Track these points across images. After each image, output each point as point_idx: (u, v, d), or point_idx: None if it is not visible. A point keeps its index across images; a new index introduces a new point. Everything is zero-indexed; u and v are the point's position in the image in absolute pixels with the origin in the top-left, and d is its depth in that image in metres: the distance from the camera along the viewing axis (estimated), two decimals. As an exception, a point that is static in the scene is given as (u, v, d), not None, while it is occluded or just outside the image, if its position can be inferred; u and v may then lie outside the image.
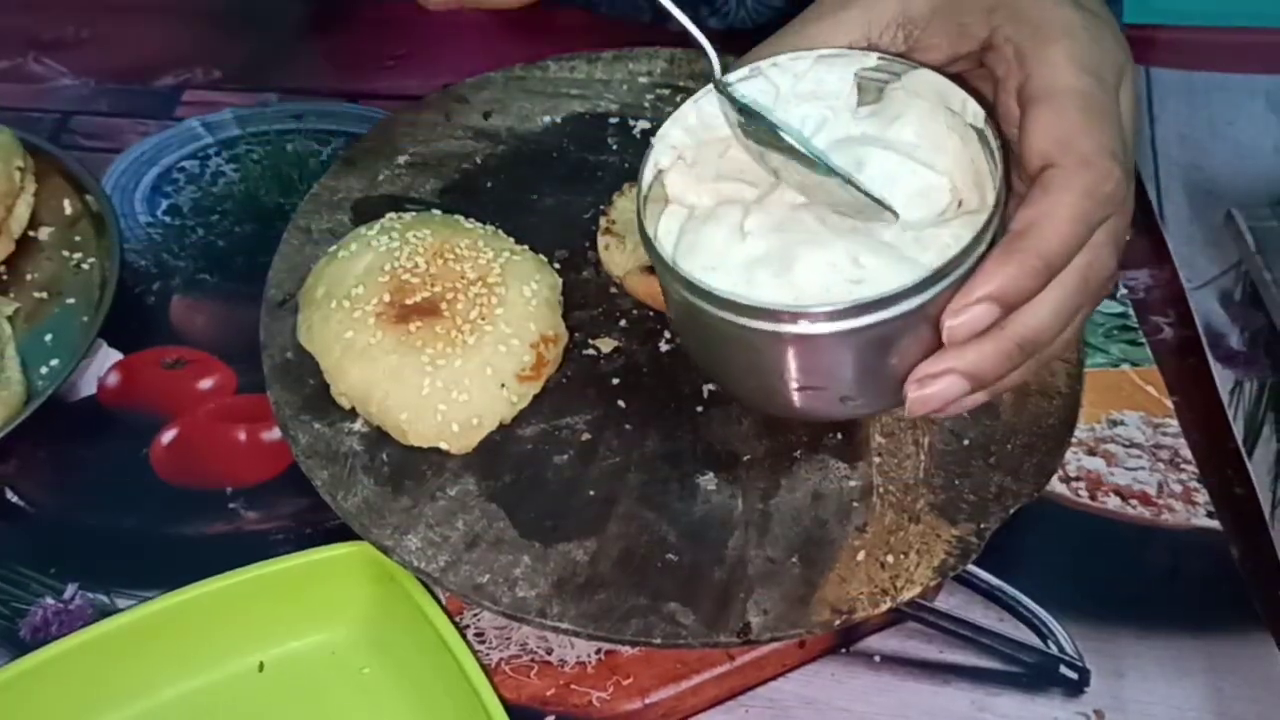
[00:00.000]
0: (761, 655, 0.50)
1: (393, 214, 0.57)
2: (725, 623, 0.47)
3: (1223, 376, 0.60)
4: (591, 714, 0.48)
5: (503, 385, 0.52)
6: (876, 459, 0.52)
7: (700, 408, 0.54)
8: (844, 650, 0.50)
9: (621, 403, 0.54)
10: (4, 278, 0.62)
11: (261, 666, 0.49)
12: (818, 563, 0.49)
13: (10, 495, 0.55)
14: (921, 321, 0.41)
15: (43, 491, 0.55)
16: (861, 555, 0.49)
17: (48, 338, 0.59)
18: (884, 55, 0.45)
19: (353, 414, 0.52)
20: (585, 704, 0.48)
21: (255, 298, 0.57)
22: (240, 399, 0.58)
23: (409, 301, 0.52)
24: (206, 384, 0.59)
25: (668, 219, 0.46)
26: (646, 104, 0.68)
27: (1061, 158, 0.39)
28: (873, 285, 0.41)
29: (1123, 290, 0.64)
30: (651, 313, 0.57)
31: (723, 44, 0.46)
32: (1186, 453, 0.57)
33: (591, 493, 0.51)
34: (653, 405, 0.54)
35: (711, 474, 0.52)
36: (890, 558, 0.49)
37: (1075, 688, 0.49)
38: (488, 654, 0.50)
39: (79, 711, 0.46)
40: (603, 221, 0.59)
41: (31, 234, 0.63)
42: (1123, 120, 0.41)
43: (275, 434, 0.55)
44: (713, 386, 0.55)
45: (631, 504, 0.50)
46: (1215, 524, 0.55)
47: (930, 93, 0.45)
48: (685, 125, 0.47)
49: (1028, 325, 0.40)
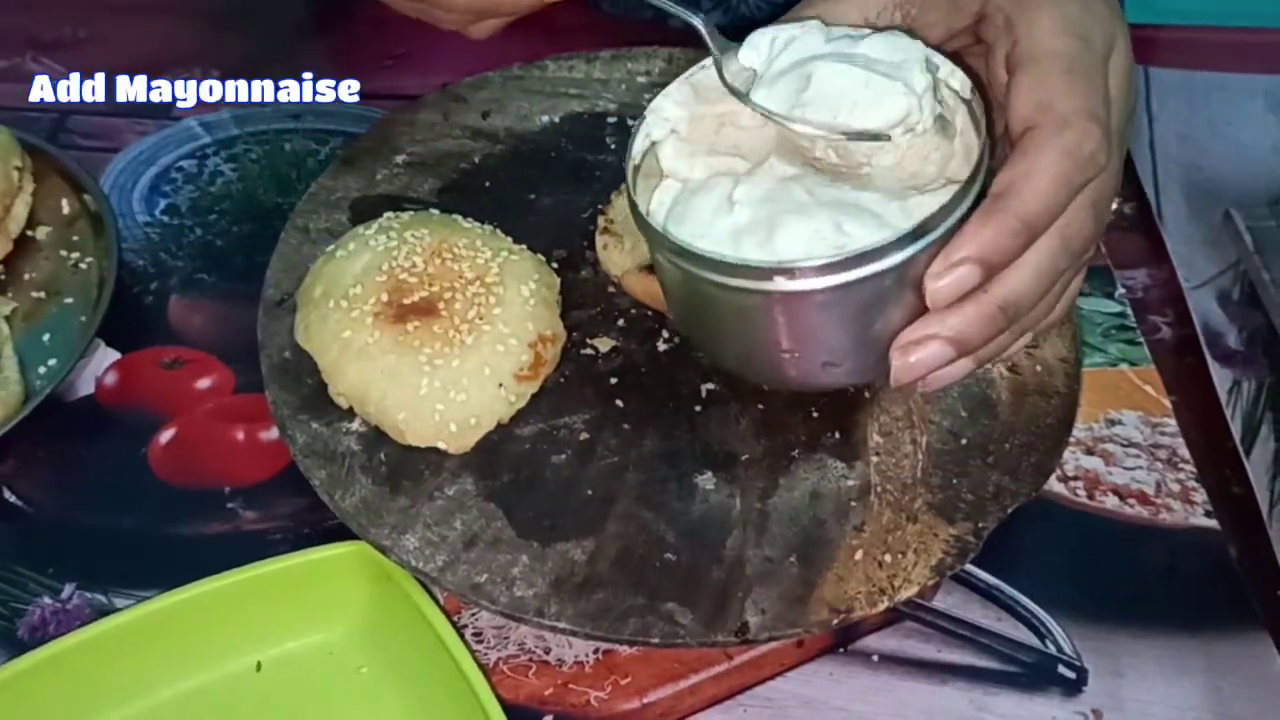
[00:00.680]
0: (759, 655, 0.50)
1: (391, 213, 0.57)
2: (723, 622, 0.47)
3: (1221, 376, 0.60)
4: (589, 714, 0.48)
5: (500, 385, 0.52)
6: (874, 458, 0.52)
7: (698, 407, 0.54)
8: (842, 650, 0.50)
9: (619, 402, 0.54)
10: (2, 277, 0.61)
11: (259, 666, 0.49)
12: (816, 562, 0.49)
13: (8, 495, 0.55)
14: (904, 283, 0.41)
15: (41, 491, 0.55)
16: (859, 555, 0.49)
17: (46, 337, 0.59)
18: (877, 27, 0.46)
19: (350, 414, 0.52)
20: (583, 704, 0.48)
21: (253, 297, 0.57)
22: (238, 399, 0.58)
23: (407, 301, 0.52)
24: (204, 383, 0.59)
25: (661, 193, 0.46)
26: (645, 103, 0.67)
27: (1041, 119, 0.40)
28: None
29: (1121, 290, 0.64)
30: (650, 312, 0.57)
31: (729, 38, 0.47)
32: (1184, 452, 0.57)
33: (589, 492, 0.51)
34: (651, 405, 0.54)
35: (709, 473, 0.52)
36: (888, 557, 0.49)
37: (1073, 687, 0.49)
38: (486, 653, 0.50)
39: (77, 711, 0.46)
40: (601, 221, 0.59)
41: (29, 233, 0.63)
42: (1110, 86, 0.41)
43: (273, 434, 0.55)
44: (711, 385, 0.55)
45: (629, 503, 0.50)
46: (1213, 523, 0.55)
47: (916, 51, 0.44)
48: (679, 99, 0.47)
49: (1009, 288, 0.40)
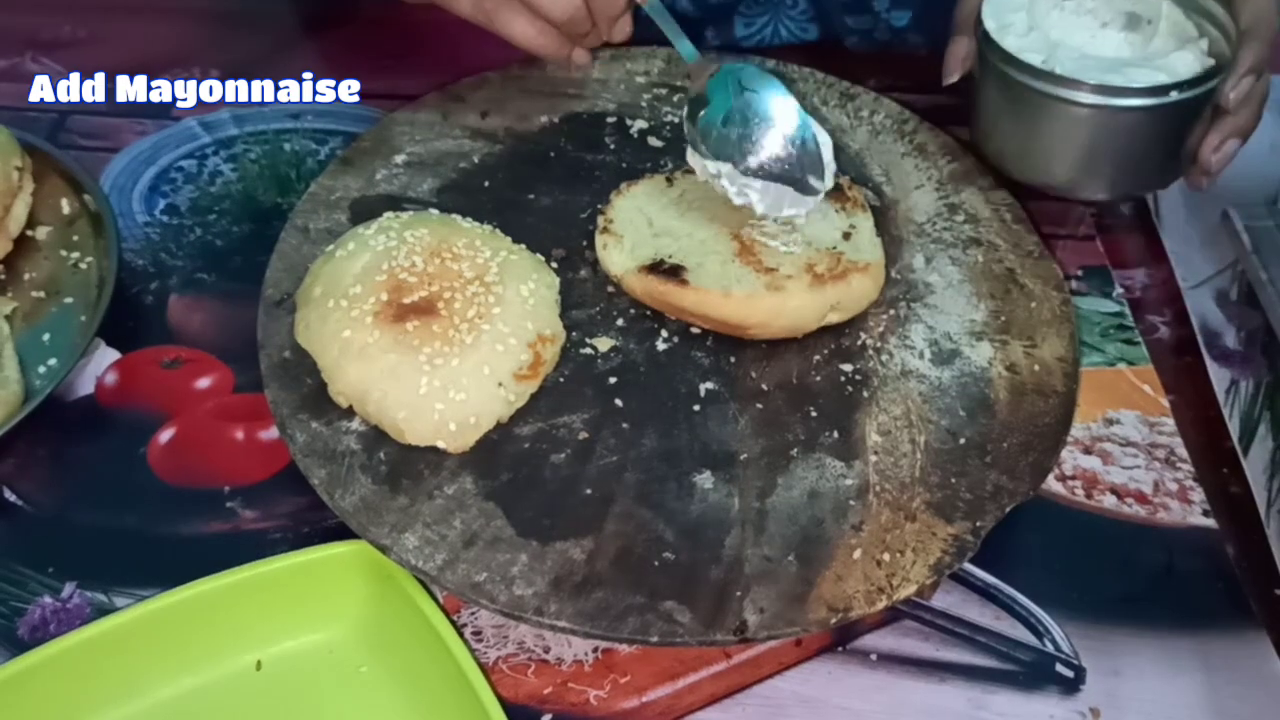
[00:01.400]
0: (758, 653, 0.50)
1: (390, 213, 0.57)
2: (722, 621, 0.47)
3: (1218, 375, 0.60)
4: (589, 712, 0.48)
5: (500, 384, 0.52)
6: (873, 457, 0.52)
7: (697, 407, 0.54)
8: (840, 648, 0.50)
9: (619, 402, 0.54)
10: (2, 277, 0.61)
11: (259, 665, 0.49)
12: (814, 561, 0.49)
13: (9, 494, 0.55)
14: (1199, 109, 0.58)
15: (41, 490, 0.55)
16: (858, 554, 0.49)
17: (46, 337, 0.59)
18: None
19: (350, 413, 0.53)
20: (582, 702, 0.48)
21: (253, 297, 0.57)
22: (238, 398, 0.58)
23: (406, 301, 0.52)
24: (204, 383, 0.59)
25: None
26: (644, 103, 0.68)
27: (1253, 26, 0.58)
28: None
29: (1119, 290, 0.64)
30: (649, 312, 0.57)
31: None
32: (1182, 451, 0.58)
33: (588, 491, 0.51)
34: (650, 404, 0.54)
35: (708, 473, 0.52)
36: (886, 556, 0.49)
37: (1071, 685, 0.50)
38: (485, 652, 0.50)
39: (77, 710, 0.47)
40: (600, 220, 0.59)
41: (29, 233, 0.63)
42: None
43: (273, 433, 0.55)
44: (710, 385, 0.55)
45: (628, 503, 0.51)
46: (1211, 522, 0.55)
47: None
48: None
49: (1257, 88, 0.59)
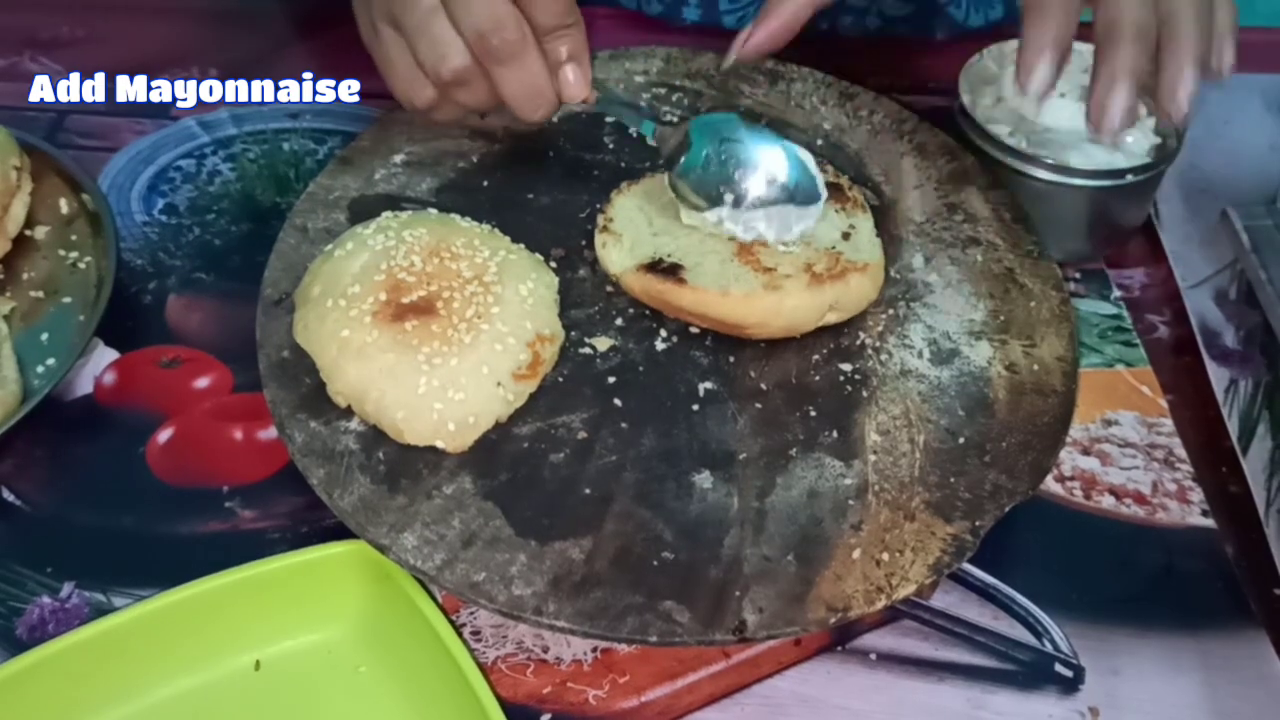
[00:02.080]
0: (757, 653, 0.50)
1: (389, 213, 0.57)
2: (721, 621, 0.47)
3: (1217, 375, 0.60)
4: (588, 712, 0.48)
5: (499, 384, 0.52)
6: (872, 457, 0.52)
7: (696, 406, 0.54)
8: (840, 648, 0.50)
9: (618, 401, 0.54)
10: (1, 277, 0.61)
11: (258, 665, 0.49)
12: (813, 561, 0.49)
13: (7, 494, 0.55)
14: (1149, 188, 0.63)
15: (39, 490, 0.55)
16: (857, 553, 0.49)
17: (44, 337, 0.59)
18: None
19: (349, 413, 0.52)
20: (581, 702, 0.48)
21: (251, 296, 0.57)
22: (236, 398, 0.58)
23: (405, 300, 0.52)
24: (203, 383, 0.59)
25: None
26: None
27: None
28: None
29: (1117, 293, 0.64)
30: (648, 311, 0.57)
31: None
32: (1181, 452, 0.58)
33: (587, 491, 0.51)
34: (649, 404, 0.54)
35: (707, 472, 0.52)
36: (886, 555, 0.49)
37: (1070, 685, 0.50)
38: (484, 652, 0.50)
39: (76, 710, 0.46)
40: (600, 220, 0.59)
41: (28, 233, 0.63)
42: None
43: (271, 433, 0.55)
44: (709, 385, 0.55)
45: (627, 502, 0.51)
46: (1210, 522, 0.55)
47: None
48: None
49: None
